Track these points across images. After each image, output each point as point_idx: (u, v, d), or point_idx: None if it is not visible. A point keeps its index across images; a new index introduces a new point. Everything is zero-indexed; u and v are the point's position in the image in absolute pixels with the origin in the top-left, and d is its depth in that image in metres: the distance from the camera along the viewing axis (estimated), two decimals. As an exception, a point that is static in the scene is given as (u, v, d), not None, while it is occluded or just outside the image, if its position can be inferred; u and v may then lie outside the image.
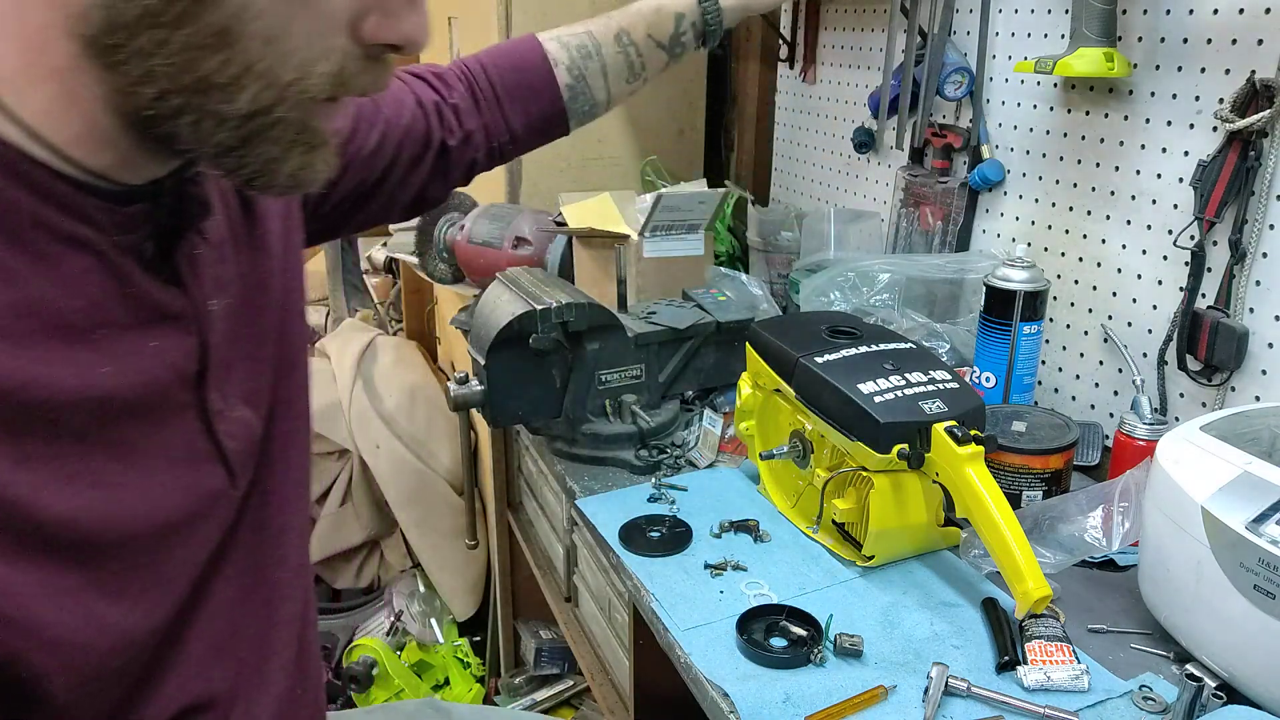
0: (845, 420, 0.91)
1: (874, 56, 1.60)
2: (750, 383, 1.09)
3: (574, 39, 1.02)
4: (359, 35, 0.53)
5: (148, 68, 0.49)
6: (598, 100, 1.04)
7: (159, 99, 0.50)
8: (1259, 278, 1.03)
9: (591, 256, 1.43)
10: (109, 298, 0.55)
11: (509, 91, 1.00)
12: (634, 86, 1.06)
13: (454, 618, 2.22)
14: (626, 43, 1.01)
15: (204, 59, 0.49)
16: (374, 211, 0.96)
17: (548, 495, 1.48)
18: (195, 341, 0.61)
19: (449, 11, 2.02)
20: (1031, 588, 0.79)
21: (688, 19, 1.02)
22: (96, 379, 0.54)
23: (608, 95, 1.05)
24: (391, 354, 2.38)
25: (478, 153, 1.00)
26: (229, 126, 0.51)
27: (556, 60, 1.01)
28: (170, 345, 0.59)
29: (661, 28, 1.02)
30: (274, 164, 0.54)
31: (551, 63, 1.01)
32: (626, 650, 1.16)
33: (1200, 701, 0.73)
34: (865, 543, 0.93)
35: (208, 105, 0.50)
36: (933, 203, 1.48)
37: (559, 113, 1.03)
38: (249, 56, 0.50)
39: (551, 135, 1.07)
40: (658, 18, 1.02)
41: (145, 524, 0.58)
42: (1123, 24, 1.12)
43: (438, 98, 0.97)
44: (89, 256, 0.54)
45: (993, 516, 0.82)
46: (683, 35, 1.03)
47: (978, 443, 0.85)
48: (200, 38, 0.48)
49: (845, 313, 1.15)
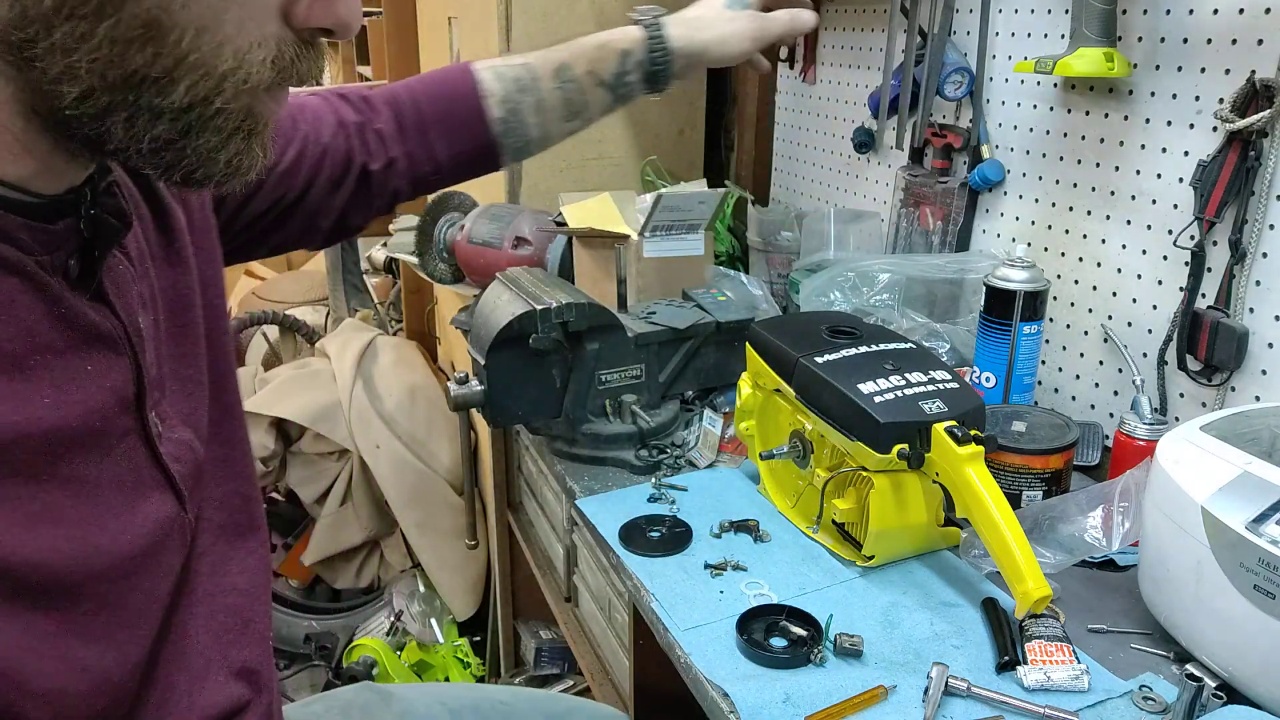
0: (845, 420, 0.91)
1: (874, 56, 1.60)
2: (750, 383, 1.09)
3: (511, 70, 0.97)
4: (293, 20, 0.52)
5: (67, 64, 0.46)
6: (531, 137, 0.98)
7: (83, 98, 0.47)
8: (1259, 278, 1.03)
9: (591, 256, 1.43)
10: (40, 321, 0.52)
11: (436, 121, 0.95)
12: (573, 126, 0.99)
13: (454, 618, 2.22)
14: (566, 78, 0.95)
15: (132, 53, 0.46)
16: (293, 233, 0.91)
17: (548, 495, 1.48)
18: (129, 362, 0.59)
19: (449, 12, 2.02)
20: (1032, 588, 0.79)
21: (633, 58, 0.96)
22: (41, 411, 0.51)
23: (543, 132, 0.98)
24: (391, 354, 2.38)
25: (401, 181, 0.95)
26: (165, 120, 0.49)
27: (490, 93, 0.95)
28: (106, 367, 0.57)
29: (604, 65, 0.96)
30: (213, 154, 0.52)
31: (483, 95, 0.95)
32: (626, 650, 1.16)
33: (1200, 701, 0.73)
34: (865, 543, 0.93)
35: (140, 101, 0.48)
36: (933, 203, 1.48)
37: (488, 146, 0.97)
38: (181, 48, 0.47)
39: (480, 169, 1.00)
40: (600, 54, 0.97)
41: (110, 559, 0.56)
42: (1123, 24, 1.12)
43: (361, 119, 0.93)
44: (14, 278, 0.51)
45: (993, 516, 0.82)
46: (627, 75, 0.96)
47: (977, 443, 0.85)
48: (126, 30, 0.46)
49: (845, 313, 1.15)
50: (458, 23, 1.98)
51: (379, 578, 2.42)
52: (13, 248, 0.51)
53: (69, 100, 0.47)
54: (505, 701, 1.00)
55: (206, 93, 0.49)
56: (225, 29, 0.48)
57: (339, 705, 0.95)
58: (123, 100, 0.48)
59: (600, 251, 1.42)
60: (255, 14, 0.50)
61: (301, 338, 3.04)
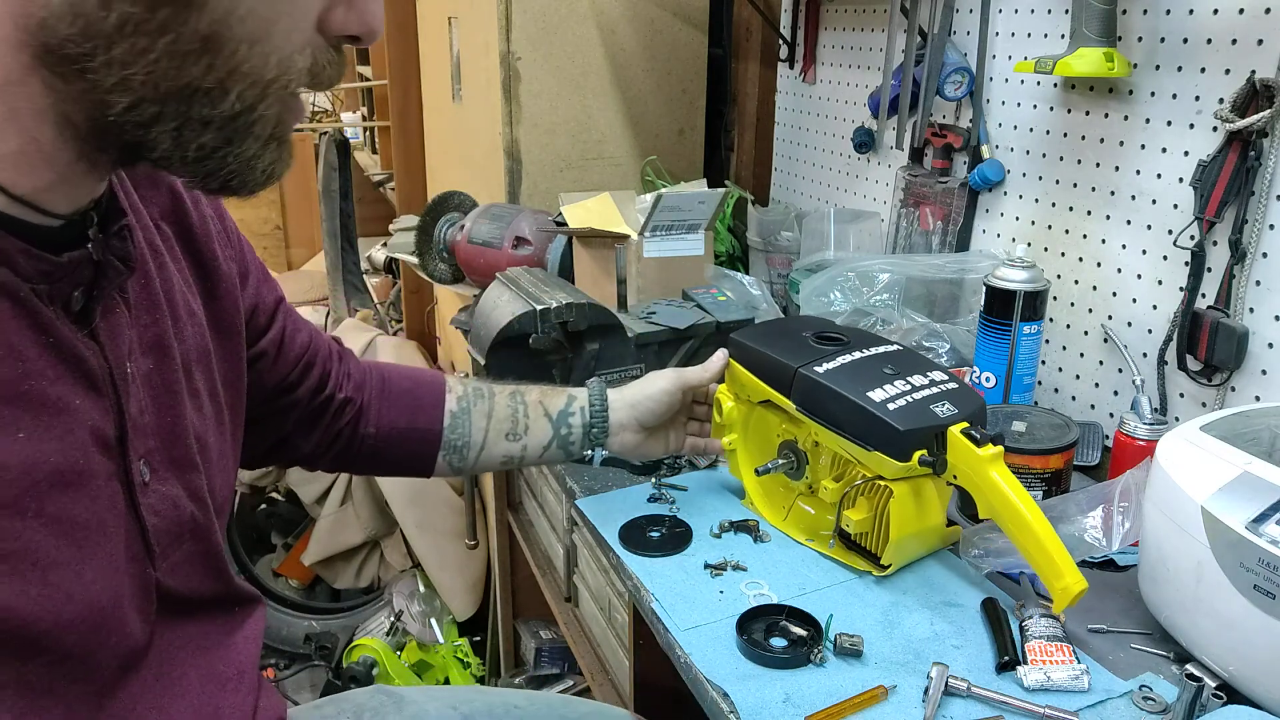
0: (859, 430, 0.89)
1: (874, 56, 1.60)
2: (731, 396, 1.05)
3: (474, 381, 1.01)
4: (326, 28, 0.53)
5: (122, 77, 0.46)
6: (472, 440, 0.97)
7: (131, 108, 0.48)
8: (1259, 278, 1.03)
9: (591, 256, 1.43)
10: (29, 348, 0.51)
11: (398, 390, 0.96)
12: (510, 447, 0.99)
13: (454, 618, 2.22)
14: (519, 400, 0.99)
15: (188, 65, 0.47)
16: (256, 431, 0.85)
17: (548, 495, 1.48)
18: (112, 404, 0.57)
19: (449, 12, 2.02)
20: (1070, 583, 0.79)
21: (578, 403, 1.00)
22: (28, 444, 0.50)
23: (484, 439, 0.98)
24: (391, 354, 2.38)
25: (345, 425, 0.93)
26: (212, 129, 0.50)
27: (451, 388, 0.98)
28: (91, 405, 0.55)
29: (553, 400, 1.00)
30: (253, 161, 0.53)
31: (449, 388, 0.98)
32: (626, 650, 1.16)
33: (1200, 701, 0.73)
34: (885, 553, 0.91)
35: (190, 111, 0.49)
36: (933, 203, 1.48)
37: (430, 434, 0.96)
38: (235, 59, 0.49)
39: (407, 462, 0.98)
40: (552, 391, 1.01)
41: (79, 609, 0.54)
42: (1123, 24, 1.12)
43: (342, 352, 0.95)
44: (7, 301, 0.50)
45: (1024, 516, 0.82)
46: (570, 414, 0.99)
47: (994, 442, 0.85)
48: (185, 44, 0.47)
49: (819, 318, 1.12)
50: (458, 23, 1.98)
51: (379, 578, 2.42)
52: (8, 270, 0.50)
53: (117, 110, 0.48)
54: (519, 705, 1.00)
55: (253, 100, 0.50)
56: (274, 39, 0.50)
57: (350, 708, 0.94)
58: (174, 110, 0.49)
59: (600, 251, 1.42)
60: (299, 24, 0.51)
61: (302, 338, 3.04)
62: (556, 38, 1.75)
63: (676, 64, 1.88)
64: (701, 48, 1.90)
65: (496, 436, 0.98)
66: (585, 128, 1.83)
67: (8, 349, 0.50)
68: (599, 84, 1.82)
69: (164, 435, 0.64)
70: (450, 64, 2.04)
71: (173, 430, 0.65)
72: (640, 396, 1.01)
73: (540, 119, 1.78)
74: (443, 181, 2.24)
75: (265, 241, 4.56)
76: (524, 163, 1.80)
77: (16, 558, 0.49)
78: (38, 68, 0.47)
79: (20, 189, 0.50)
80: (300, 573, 2.46)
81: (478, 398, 0.98)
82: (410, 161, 2.61)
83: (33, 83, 0.47)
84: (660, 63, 1.86)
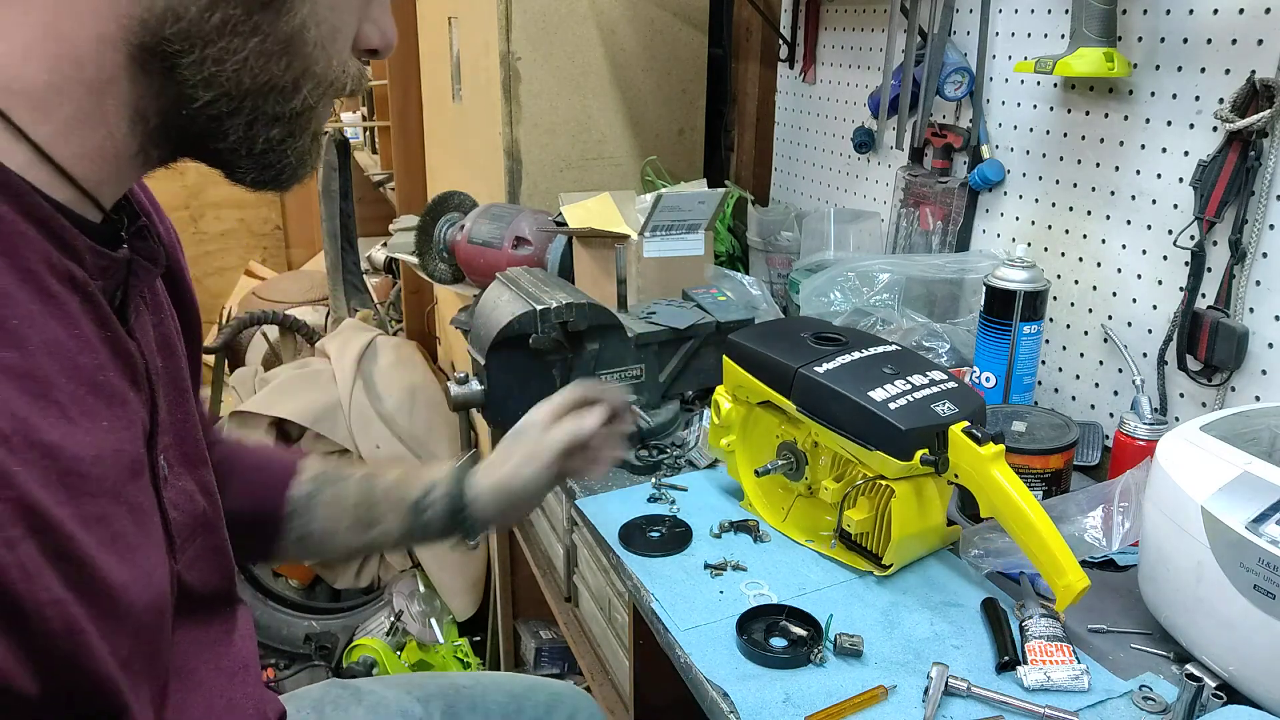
0: (861, 430, 0.89)
1: (874, 56, 1.60)
2: (729, 396, 1.05)
3: (334, 463, 0.93)
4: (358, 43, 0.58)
5: (210, 74, 0.50)
6: (315, 529, 0.88)
7: (210, 103, 0.51)
8: (1259, 278, 1.03)
9: (591, 256, 1.43)
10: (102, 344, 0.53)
11: (245, 466, 0.88)
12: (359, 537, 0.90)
13: (454, 618, 2.22)
14: (373, 483, 0.90)
15: (270, 64, 0.52)
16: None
17: (548, 495, 1.48)
18: (147, 398, 0.58)
19: (449, 12, 2.02)
20: (1073, 580, 0.79)
21: (437, 492, 0.89)
22: (112, 431, 0.52)
23: (327, 529, 0.89)
24: (391, 354, 2.38)
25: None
26: (280, 124, 0.54)
27: (304, 469, 0.90)
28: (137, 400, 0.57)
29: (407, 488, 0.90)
30: (304, 155, 0.57)
31: (298, 471, 0.90)
32: (626, 650, 1.17)
33: (1200, 701, 0.73)
34: (886, 552, 0.91)
35: (264, 106, 0.53)
36: (933, 203, 1.48)
37: (272, 520, 0.88)
38: (309, 60, 0.53)
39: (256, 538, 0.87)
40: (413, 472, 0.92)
41: (154, 594, 0.55)
42: (1123, 24, 1.12)
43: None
44: (79, 297, 0.52)
45: (1026, 514, 0.82)
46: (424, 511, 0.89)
47: (995, 441, 0.85)
48: (271, 45, 0.51)
49: (817, 319, 1.12)
50: (458, 23, 1.98)
51: (379, 578, 2.42)
52: (79, 266, 0.52)
53: (195, 106, 0.51)
54: (468, 685, 1.01)
55: (316, 99, 0.55)
56: (338, 44, 0.56)
57: (309, 703, 0.94)
58: (250, 105, 0.53)
59: (600, 251, 1.42)
60: (350, 33, 0.57)
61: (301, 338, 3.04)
62: (556, 38, 1.75)
63: (676, 64, 1.88)
64: (701, 48, 1.90)
65: (345, 526, 0.90)
66: (585, 128, 1.83)
67: (85, 341, 0.52)
68: (599, 84, 1.82)
69: (177, 431, 0.65)
70: (450, 64, 2.04)
71: (184, 426, 0.66)
72: (507, 483, 0.91)
73: (540, 119, 1.78)
74: (443, 181, 2.24)
75: (265, 241, 4.55)
76: (524, 163, 1.80)
77: (121, 542, 0.51)
78: (128, 65, 0.49)
79: (89, 184, 0.52)
80: (300, 572, 2.46)
81: (329, 483, 0.90)
82: (410, 161, 2.61)
83: (124, 81, 0.50)
84: (660, 63, 1.86)
